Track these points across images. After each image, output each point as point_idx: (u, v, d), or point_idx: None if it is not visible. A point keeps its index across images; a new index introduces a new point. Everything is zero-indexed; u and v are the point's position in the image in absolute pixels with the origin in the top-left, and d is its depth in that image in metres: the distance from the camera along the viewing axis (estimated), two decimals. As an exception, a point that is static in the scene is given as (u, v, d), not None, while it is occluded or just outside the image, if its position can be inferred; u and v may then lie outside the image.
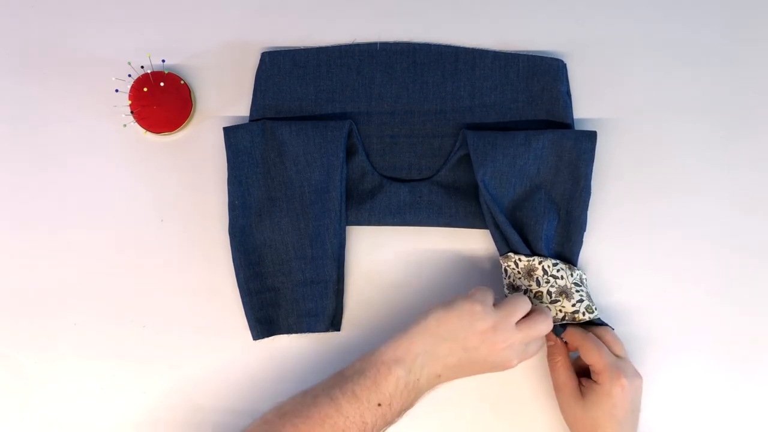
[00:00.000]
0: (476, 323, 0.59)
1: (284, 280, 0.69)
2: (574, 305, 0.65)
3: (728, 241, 0.71)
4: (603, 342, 0.65)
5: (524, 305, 0.62)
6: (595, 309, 0.66)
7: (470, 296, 0.61)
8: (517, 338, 0.60)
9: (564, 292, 0.66)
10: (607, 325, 0.67)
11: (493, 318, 0.60)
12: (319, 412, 0.58)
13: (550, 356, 0.67)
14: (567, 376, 0.65)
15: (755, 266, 0.70)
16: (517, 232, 0.67)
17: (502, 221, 0.67)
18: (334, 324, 0.69)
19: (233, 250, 0.69)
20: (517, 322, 0.61)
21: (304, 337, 0.70)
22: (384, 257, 0.71)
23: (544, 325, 0.62)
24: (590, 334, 0.65)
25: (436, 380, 0.60)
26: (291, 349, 0.70)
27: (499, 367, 0.61)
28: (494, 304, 0.61)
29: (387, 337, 0.61)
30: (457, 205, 0.70)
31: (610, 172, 0.71)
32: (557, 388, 0.66)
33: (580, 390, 0.64)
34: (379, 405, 0.58)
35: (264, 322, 0.69)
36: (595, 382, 0.63)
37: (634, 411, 0.63)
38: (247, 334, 0.69)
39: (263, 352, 0.70)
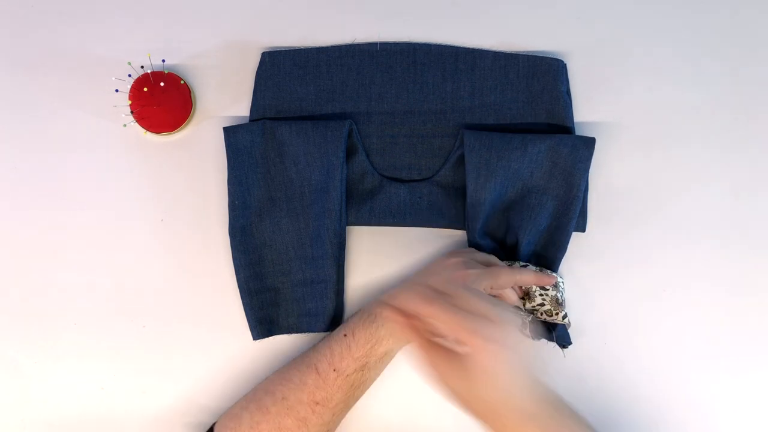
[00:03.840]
0: (430, 269, 0.65)
1: (284, 280, 0.69)
2: (534, 308, 0.66)
3: (729, 240, 0.71)
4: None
5: (501, 276, 0.63)
6: (558, 314, 0.66)
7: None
8: (474, 271, 0.61)
9: (528, 294, 0.66)
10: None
11: (447, 265, 0.64)
12: (301, 356, 0.66)
13: (418, 348, 0.53)
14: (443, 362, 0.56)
15: (756, 265, 0.70)
16: (493, 240, 0.68)
17: (477, 228, 0.67)
18: (334, 324, 0.69)
19: (233, 250, 0.69)
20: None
21: (304, 337, 0.70)
22: (384, 257, 0.71)
23: (504, 276, 0.63)
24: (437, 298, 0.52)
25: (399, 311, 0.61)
26: (291, 349, 0.70)
27: (446, 278, 0.61)
28: None
29: None
30: (457, 206, 0.70)
31: (610, 171, 0.71)
32: (442, 381, 0.55)
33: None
34: (345, 335, 0.64)
35: (264, 322, 0.69)
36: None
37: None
38: (248, 334, 0.69)
39: (263, 352, 0.70)
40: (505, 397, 0.49)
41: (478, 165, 0.67)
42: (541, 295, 0.66)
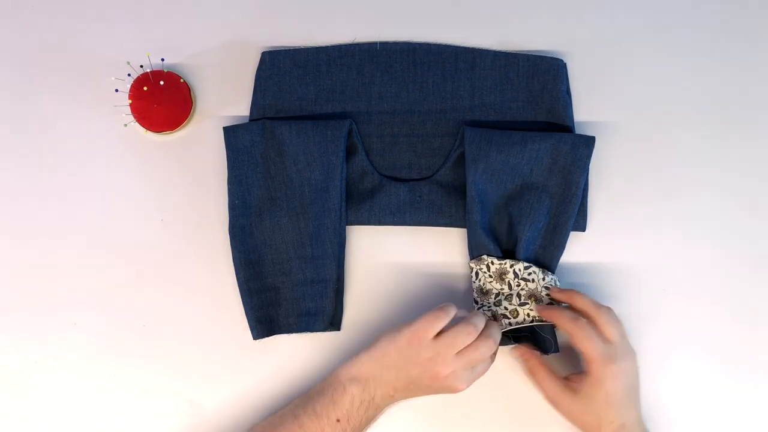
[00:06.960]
0: (416, 355, 0.61)
1: (284, 279, 0.69)
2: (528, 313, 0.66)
3: (728, 241, 0.70)
4: (597, 325, 0.62)
5: (465, 337, 0.61)
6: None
7: (414, 326, 0.62)
8: (459, 365, 0.61)
9: (533, 295, 0.66)
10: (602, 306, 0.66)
11: (432, 350, 0.61)
12: (284, 430, 0.62)
13: (529, 368, 0.66)
14: (553, 383, 0.64)
15: (756, 265, 0.70)
16: (492, 234, 0.68)
17: (477, 220, 0.67)
18: (334, 323, 0.69)
19: (233, 249, 0.69)
20: (459, 351, 0.61)
21: (304, 337, 0.70)
22: (384, 257, 0.71)
23: (485, 348, 0.62)
24: (581, 319, 0.62)
25: (391, 399, 0.63)
26: (291, 348, 0.70)
27: (447, 391, 0.62)
28: (441, 332, 0.62)
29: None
30: (456, 205, 0.70)
31: (610, 171, 0.71)
32: (549, 398, 0.64)
33: (572, 388, 0.63)
34: (338, 421, 0.62)
35: (264, 321, 0.69)
36: (585, 373, 0.62)
37: (632, 389, 0.62)
38: (247, 333, 0.69)
39: (263, 351, 0.70)
40: (610, 407, 0.61)
41: (477, 158, 0.67)
42: (548, 295, 0.66)
